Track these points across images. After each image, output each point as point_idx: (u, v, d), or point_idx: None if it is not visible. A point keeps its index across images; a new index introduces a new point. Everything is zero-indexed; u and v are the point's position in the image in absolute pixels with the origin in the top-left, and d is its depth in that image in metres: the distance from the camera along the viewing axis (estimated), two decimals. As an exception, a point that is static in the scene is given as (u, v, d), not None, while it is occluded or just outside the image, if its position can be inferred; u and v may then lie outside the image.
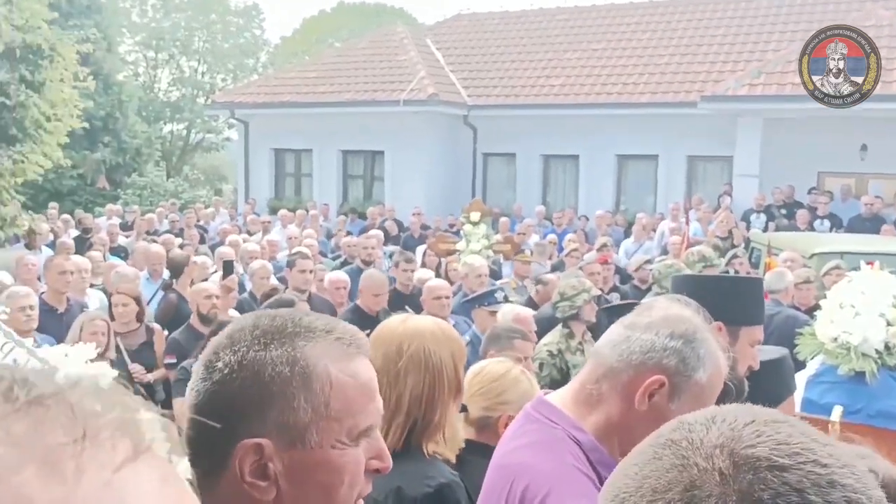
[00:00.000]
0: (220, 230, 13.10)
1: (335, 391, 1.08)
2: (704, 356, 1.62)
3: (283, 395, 1.06)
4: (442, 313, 5.89)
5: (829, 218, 13.14)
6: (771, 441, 0.71)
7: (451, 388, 2.08)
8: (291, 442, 1.06)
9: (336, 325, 1.14)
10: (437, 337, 2.10)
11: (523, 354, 4.25)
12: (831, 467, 0.69)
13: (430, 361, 2.06)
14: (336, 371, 1.09)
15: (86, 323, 5.27)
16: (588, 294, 5.49)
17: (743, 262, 8.26)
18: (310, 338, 1.10)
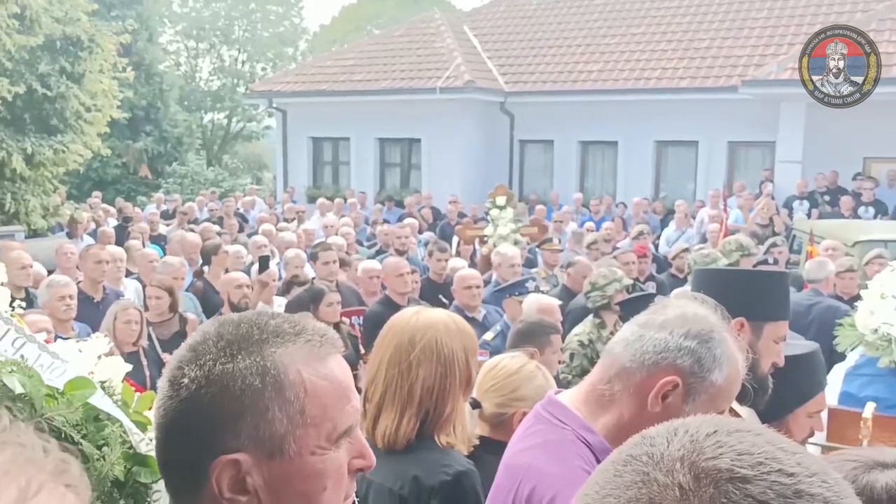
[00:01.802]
0: (258, 219, 13.20)
1: (310, 397, 1.04)
2: (721, 357, 1.56)
3: (255, 407, 1.02)
4: (473, 302, 5.87)
5: (873, 205, 12.81)
6: (733, 452, 0.66)
7: (462, 380, 2.08)
8: (269, 454, 1.03)
9: (305, 326, 1.09)
10: (449, 329, 2.10)
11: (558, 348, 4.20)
12: (798, 476, 0.65)
13: (441, 353, 2.06)
14: (309, 375, 1.04)
15: (119, 312, 5.33)
16: (620, 283, 5.42)
17: (783, 250, 8.08)
18: (278, 343, 1.05)
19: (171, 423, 1.06)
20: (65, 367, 1.56)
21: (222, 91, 34.65)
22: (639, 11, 18.46)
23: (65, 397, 1.47)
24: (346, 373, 1.10)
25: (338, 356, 1.10)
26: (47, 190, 13.00)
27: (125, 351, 4.94)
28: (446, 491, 1.95)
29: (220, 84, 35.41)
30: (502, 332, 5.09)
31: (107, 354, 1.86)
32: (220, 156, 33.56)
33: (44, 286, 5.60)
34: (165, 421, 1.07)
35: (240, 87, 33.80)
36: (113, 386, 1.65)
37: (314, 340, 1.07)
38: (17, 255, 6.20)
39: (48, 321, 4.51)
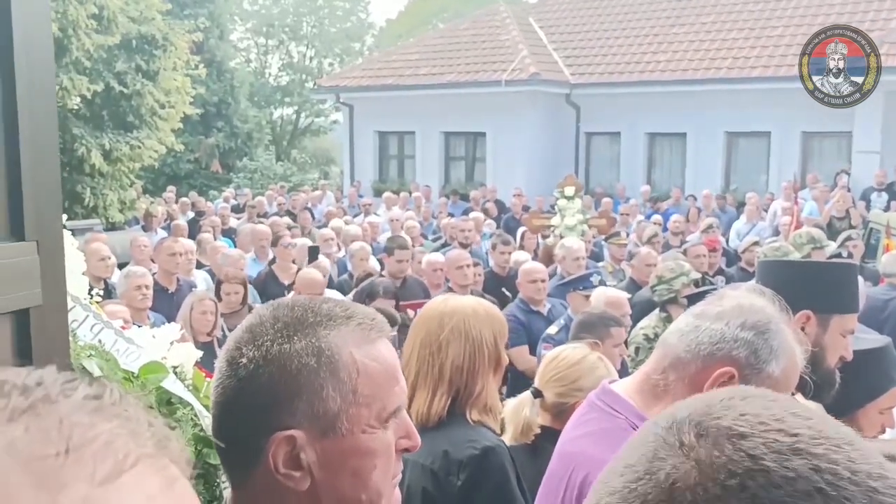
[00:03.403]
0: (326, 213, 13.39)
1: (362, 377, 1.08)
2: (777, 348, 1.54)
3: (310, 385, 1.06)
4: (538, 296, 5.86)
5: (958, 196, 12.32)
6: (738, 412, 0.67)
7: (490, 360, 2.15)
8: (323, 431, 1.07)
9: (356, 311, 1.14)
10: (477, 313, 2.19)
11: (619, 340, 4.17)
12: (801, 437, 0.64)
13: (469, 334, 2.15)
14: (361, 357, 1.09)
15: (195, 303, 5.48)
16: (687, 277, 5.33)
17: (857, 244, 7.83)
18: (332, 326, 1.09)
19: (229, 401, 1.10)
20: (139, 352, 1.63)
21: (291, 87, 35.20)
22: (708, 0, 18.08)
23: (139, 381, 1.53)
24: (393, 357, 1.14)
25: (386, 340, 1.14)
26: (124, 184, 13.44)
27: (200, 341, 5.07)
28: (474, 465, 2.02)
29: (288, 80, 35.99)
30: (566, 326, 5.07)
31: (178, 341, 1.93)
32: (289, 151, 34.10)
33: (121, 277, 5.80)
34: (224, 399, 1.11)
35: (308, 82, 34.29)
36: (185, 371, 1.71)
37: (365, 324, 1.11)
38: (96, 246, 6.42)
39: (126, 311, 4.67)
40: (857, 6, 16.34)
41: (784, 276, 2.18)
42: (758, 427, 0.65)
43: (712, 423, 0.67)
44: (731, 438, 0.65)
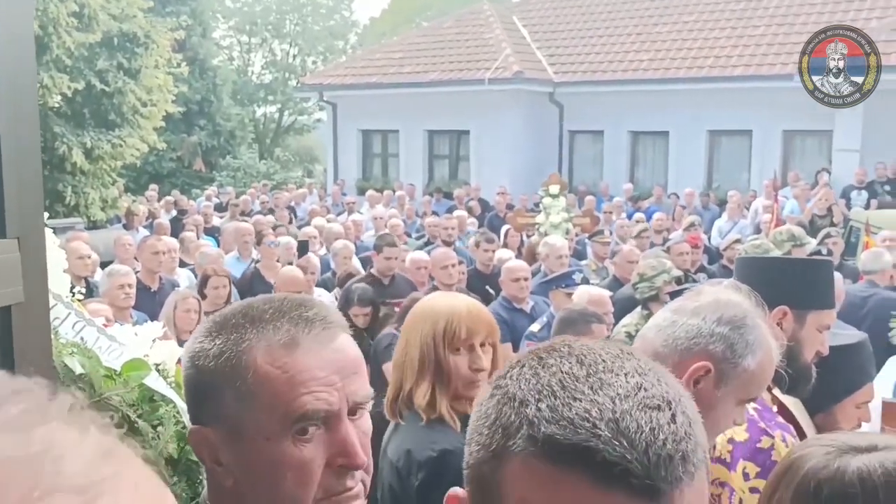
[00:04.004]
0: (309, 211, 13.37)
1: (261, 383, 1.05)
2: (753, 343, 1.57)
3: (214, 386, 1.08)
4: (521, 295, 5.88)
5: (936, 194, 12.46)
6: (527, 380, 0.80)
7: (424, 361, 2.14)
8: (230, 432, 1.08)
9: (290, 314, 1.09)
10: (420, 313, 2.22)
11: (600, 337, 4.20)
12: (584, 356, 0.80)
13: (408, 333, 2.20)
14: (264, 361, 1.06)
15: (179, 301, 5.46)
16: (668, 275, 5.37)
17: (837, 241, 7.91)
18: (250, 328, 1.08)
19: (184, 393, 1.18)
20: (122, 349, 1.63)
21: (274, 85, 35.09)
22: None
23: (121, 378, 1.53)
24: (321, 362, 1.07)
25: (320, 346, 1.08)
26: (106, 183, 13.36)
27: (183, 339, 5.05)
28: (430, 466, 2.04)
29: (271, 78, 35.87)
30: (549, 324, 5.09)
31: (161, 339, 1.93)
32: (272, 149, 33.99)
33: (104, 275, 5.77)
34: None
35: (291, 80, 34.18)
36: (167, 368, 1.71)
37: (290, 330, 1.07)
38: (75, 245, 6.39)
39: (108, 309, 4.64)
40: (838, 6, 16.48)
41: (762, 273, 2.21)
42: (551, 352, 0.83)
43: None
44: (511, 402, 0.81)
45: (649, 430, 0.72)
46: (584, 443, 0.71)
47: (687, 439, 0.74)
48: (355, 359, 1.12)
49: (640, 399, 0.74)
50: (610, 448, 0.71)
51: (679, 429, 0.74)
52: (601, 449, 0.71)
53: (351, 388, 1.09)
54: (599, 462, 0.71)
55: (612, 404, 0.73)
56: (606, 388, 0.75)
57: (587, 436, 0.72)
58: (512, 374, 0.81)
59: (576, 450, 0.72)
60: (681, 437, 0.74)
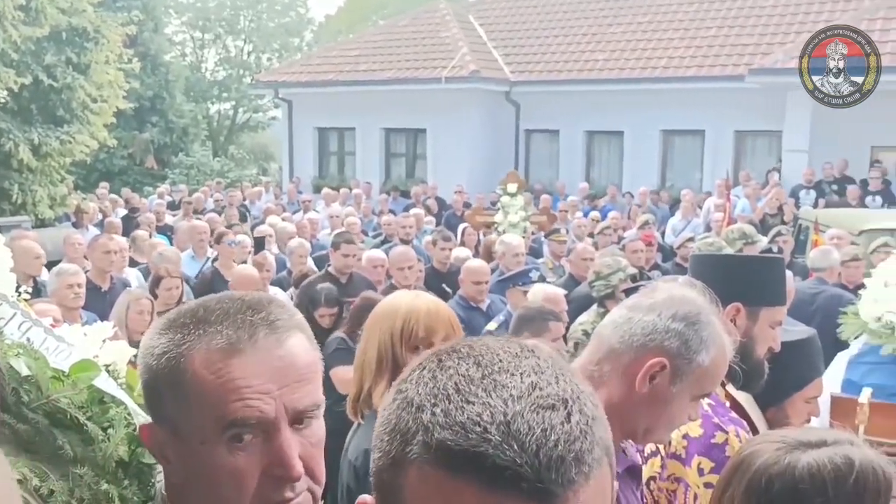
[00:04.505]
0: (264, 209, 13.24)
1: (194, 386, 1.05)
2: (707, 339, 1.59)
3: (156, 385, 1.08)
4: (479, 296, 5.90)
5: (881, 194, 12.77)
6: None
7: (381, 362, 2.15)
8: (172, 432, 1.08)
9: (233, 317, 1.07)
10: (377, 314, 2.24)
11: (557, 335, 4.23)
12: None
13: (367, 334, 2.21)
14: (199, 366, 1.05)
15: (132, 302, 5.37)
16: (624, 273, 5.43)
17: (787, 239, 8.07)
18: (194, 330, 1.06)
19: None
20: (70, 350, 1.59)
21: (228, 81, 34.68)
22: (644, 0, 18.40)
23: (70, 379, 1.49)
24: (259, 369, 1.05)
25: (259, 352, 1.06)
26: (54, 180, 13.05)
27: (135, 339, 4.97)
28: None
29: (225, 74, 35.44)
30: (505, 322, 5.11)
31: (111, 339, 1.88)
32: (227, 146, 33.60)
33: (53, 275, 5.64)
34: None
35: (246, 77, 33.81)
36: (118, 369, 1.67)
37: (231, 334, 1.05)
38: (28, 244, 6.23)
39: (56, 309, 4.54)
40: (787, 9, 16.80)
41: (715, 270, 2.24)
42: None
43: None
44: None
45: (541, 431, 0.71)
46: (474, 448, 0.71)
47: (582, 439, 0.73)
48: (304, 365, 1.09)
49: (533, 399, 0.73)
50: (500, 452, 0.70)
51: (574, 428, 0.73)
52: (491, 454, 0.70)
53: (291, 396, 1.06)
54: (490, 467, 0.70)
55: (505, 406, 0.73)
56: (500, 390, 0.74)
57: (478, 440, 0.71)
58: (412, 377, 0.80)
59: (466, 455, 0.71)
60: (575, 436, 0.73)
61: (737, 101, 15.35)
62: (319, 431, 1.11)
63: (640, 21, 17.87)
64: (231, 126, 35.16)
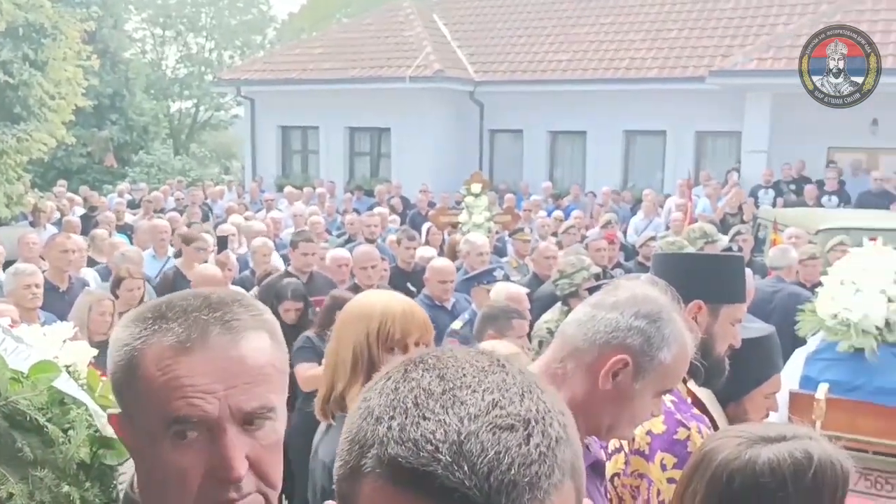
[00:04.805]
0: (227, 208, 13.11)
1: (145, 381, 1.06)
2: (669, 336, 1.61)
3: (115, 378, 1.11)
4: (444, 296, 5.91)
5: (837, 194, 13.03)
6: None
7: (357, 362, 2.13)
8: (130, 424, 1.11)
9: (201, 308, 1.08)
10: (354, 314, 2.21)
11: (521, 333, 4.25)
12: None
13: (340, 334, 2.19)
14: (149, 362, 1.06)
15: (94, 303, 5.29)
16: (587, 271, 5.48)
17: (747, 238, 8.20)
18: (153, 324, 1.08)
19: None
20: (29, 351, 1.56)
21: (189, 79, 34.28)
22: (608, 1, 18.55)
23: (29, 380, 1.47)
24: (199, 369, 1.06)
25: (209, 351, 1.06)
26: (10, 178, 12.81)
27: (95, 340, 4.90)
28: None
29: (186, 72, 35.02)
30: (470, 321, 5.12)
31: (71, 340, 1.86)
32: (188, 145, 33.21)
33: (9, 275, 5.54)
34: None
35: (207, 75, 33.45)
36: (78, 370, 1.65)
37: (182, 332, 1.06)
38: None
39: (13, 310, 4.46)
40: (747, 11, 17.05)
41: (678, 268, 2.27)
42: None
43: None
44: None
45: (494, 453, 0.69)
46: (424, 467, 0.69)
47: (540, 462, 0.71)
48: (256, 367, 1.08)
49: (491, 419, 0.71)
50: (449, 473, 0.68)
51: (532, 451, 0.71)
52: (440, 474, 0.69)
53: (238, 397, 1.05)
54: (438, 488, 0.69)
55: (460, 425, 0.71)
56: (458, 407, 0.72)
57: (428, 459, 0.69)
58: (377, 386, 0.79)
59: (416, 474, 0.70)
60: (532, 460, 0.71)
61: (697, 102, 15.56)
62: (273, 434, 1.10)
63: (603, 22, 18.02)
64: (192, 124, 34.76)
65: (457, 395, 0.73)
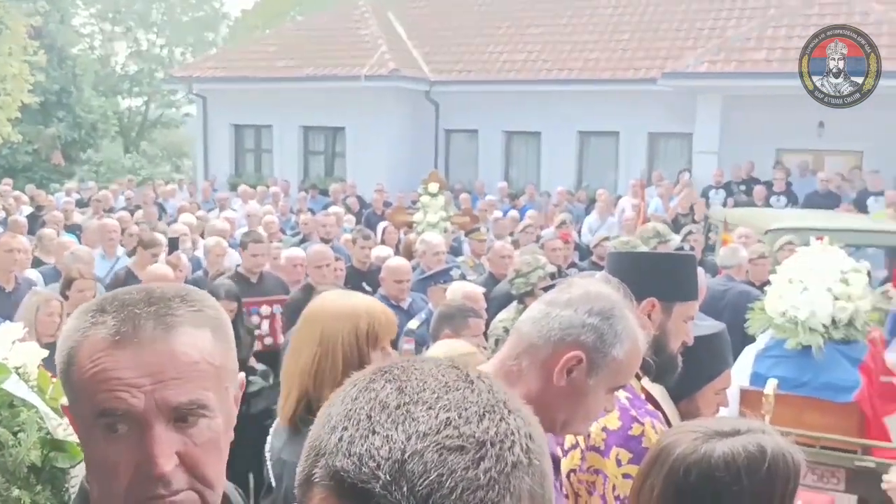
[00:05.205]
0: (179, 207, 12.92)
1: (80, 372, 1.07)
2: (621, 333, 1.64)
3: (59, 367, 1.12)
4: (401, 296, 5.90)
5: (785, 194, 13.32)
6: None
7: (348, 366, 2.06)
8: (73, 415, 1.13)
9: (139, 302, 1.09)
10: (340, 315, 2.14)
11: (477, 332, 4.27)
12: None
13: (324, 338, 2.12)
14: (83, 356, 1.07)
15: (42, 304, 5.18)
16: (543, 271, 5.52)
17: (698, 237, 8.34)
18: (95, 316, 1.09)
19: None
20: (-24, 352, 1.53)
21: (139, 76, 33.66)
22: (562, 3, 18.70)
23: (-23, 383, 1.44)
24: (127, 362, 1.05)
25: (139, 345, 1.06)
26: (-47, 177, 12.47)
27: (44, 342, 4.79)
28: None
29: (137, 69, 34.39)
30: (426, 321, 5.13)
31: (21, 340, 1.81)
32: (138, 143, 32.64)
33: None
34: None
35: (158, 72, 32.91)
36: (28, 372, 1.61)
37: (116, 325, 1.07)
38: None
39: (-43, 312, 4.35)
40: (698, 14, 17.33)
41: (632, 267, 2.31)
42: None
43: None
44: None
45: (436, 475, 0.66)
46: (363, 483, 0.67)
47: (488, 488, 0.68)
48: (188, 362, 1.07)
49: (440, 439, 0.68)
50: (387, 493, 0.66)
51: (480, 475, 0.68)
52: (377, 493, 0.67)
53: (166, 392, 1.05)
54: None
55: (406, 443, 0.68)
56: (408, 423, 0.70)
57: (368, 476, 0.67)
58: (343, 392, 0.77)
59: (355, 490, 0.68)
60: (479, 485, 0.67)
61: (650, 103, 15.78)
62: (208, 432, 1.09)
63: (558, 24, 18.16)
64: (143, 122, 34.17)
65: (411, 410, 0.71)
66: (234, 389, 1.16)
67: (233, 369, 1.15)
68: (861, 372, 4.57)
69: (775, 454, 1.41)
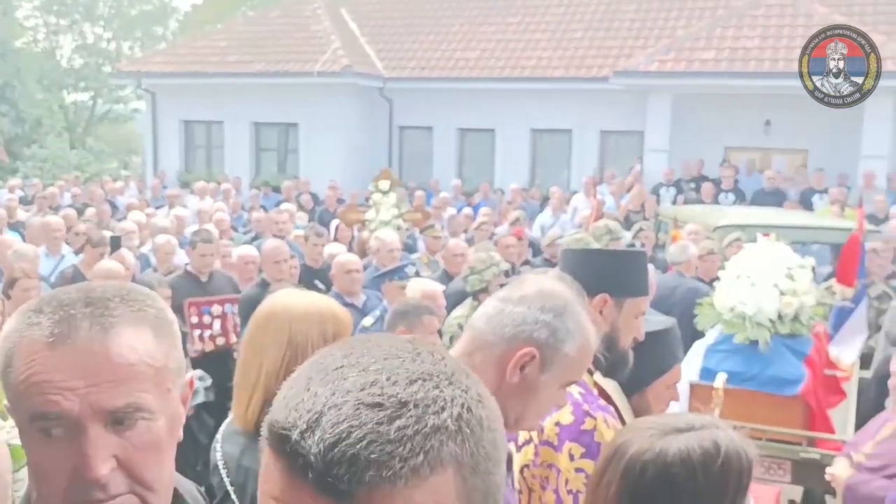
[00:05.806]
0: (127, 205, 12.67)
1: (14, 375, 1.06)
2: (573, 329, 1.66)
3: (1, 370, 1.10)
4: (353, 288, 5.87)
5: (733, 192, 13.57)
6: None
7: None
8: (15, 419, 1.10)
9: (77, 302, 1.07)
10: (308, 314, 2.10)
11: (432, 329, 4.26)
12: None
13: (293, 338, 2.07)
14: (18, 358, 1.06)
15: (-16, 305, 5.03)
16: (497, 268, 5.55)
17: (648, 234, 8.45)
18: (33, 317, 1.07)
19: None
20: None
21: (86, 70, 32.94)
22: (514, 1, 18.79)
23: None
24: (61, 365, 1.04)
25: (73, 347, 1.04)
26: None
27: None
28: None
29: (83, 63, 33.65)
30: (381, 318, 5.11)
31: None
32: (85, 138, 31.94)
33: None
34: None
35: (105, 66, 32.23)
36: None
37: (51, 326, 1.05)
38: None
39: None
40: (648, 14, 17.55)
41: (584, 264, 2.34)
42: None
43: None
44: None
45: (347, 426, 0.70)
46: (283, 431, 0.72)
47: (398, 443, 0.70)
48: (124, 364, 1.05)
49: (361, 396, 0.72)
50: (301, 440, 0.71)
51: (392, 432, 0.70)
52: (293, 440, 0.71)
53: (100, 395, 1.03)
54: (290, 452, 0.72)
55: (329, 397, 0.72)
56: (338, 382, 0.74)
57: (289, 426, 0.72)
58: (310, 359, 0.82)
59: (277, 437, 0.73)
60: (388, 439, 0.69)
61: (602, 101, 15.95)
62: (148, 434, 1.07)
63: (510, 21, 18.24)
64: (90, 117, 33.45)
65: (344, 372, 0.75)
66: (180, 389, 1.14)
67: (177, 368, 1.12)
68: (806, 365, 4.68)
69: (729, 450, 1.44)
